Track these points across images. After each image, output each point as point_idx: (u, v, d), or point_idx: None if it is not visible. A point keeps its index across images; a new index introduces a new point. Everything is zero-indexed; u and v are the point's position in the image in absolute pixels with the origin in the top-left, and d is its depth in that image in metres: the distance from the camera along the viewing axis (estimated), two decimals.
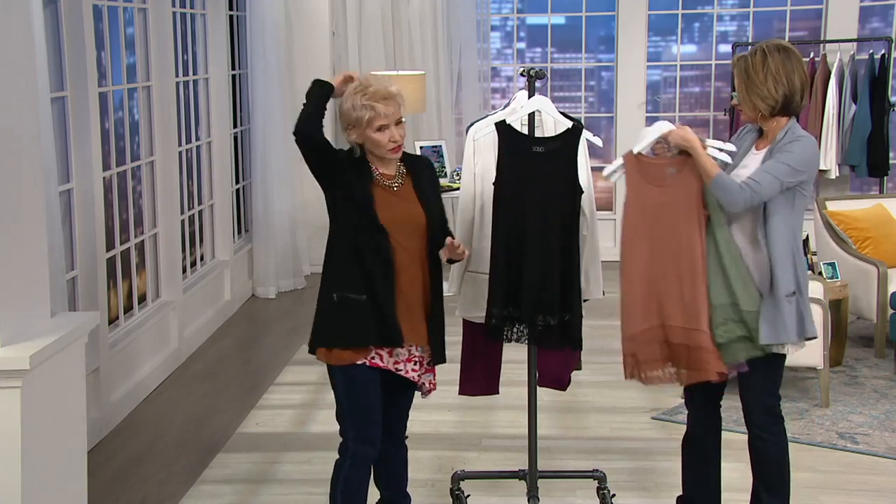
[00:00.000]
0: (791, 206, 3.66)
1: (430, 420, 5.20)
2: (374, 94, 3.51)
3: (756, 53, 3.67)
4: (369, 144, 3.57)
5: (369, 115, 3.50)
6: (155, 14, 6.38)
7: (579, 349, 3.99)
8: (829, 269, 6.31)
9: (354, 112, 3.52)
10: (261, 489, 4.71)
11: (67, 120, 5.21)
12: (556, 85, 9.74)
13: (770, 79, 3.63)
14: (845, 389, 5.89)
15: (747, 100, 3.69)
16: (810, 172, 3.67)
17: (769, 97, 3.64)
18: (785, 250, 3.65)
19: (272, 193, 8.19)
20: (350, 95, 3.55)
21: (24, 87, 3.28)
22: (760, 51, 3.67)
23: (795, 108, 3.68)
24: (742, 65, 3.70)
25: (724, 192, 3.60)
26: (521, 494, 4.24)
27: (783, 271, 3.64)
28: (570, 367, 4.36)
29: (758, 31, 9.44)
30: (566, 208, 3.87)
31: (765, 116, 3.69)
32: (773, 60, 3.63)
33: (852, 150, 8.56)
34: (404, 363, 3.65)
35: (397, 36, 8.94)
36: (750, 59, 3.68)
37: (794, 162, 3.59)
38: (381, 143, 3.54)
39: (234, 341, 7.21)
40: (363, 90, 3.53)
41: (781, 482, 3.93)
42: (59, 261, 4.65)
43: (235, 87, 8.23)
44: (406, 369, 3.65)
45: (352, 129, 3.57)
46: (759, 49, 3.68)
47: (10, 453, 3.07)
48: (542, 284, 3.86)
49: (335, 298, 3.55)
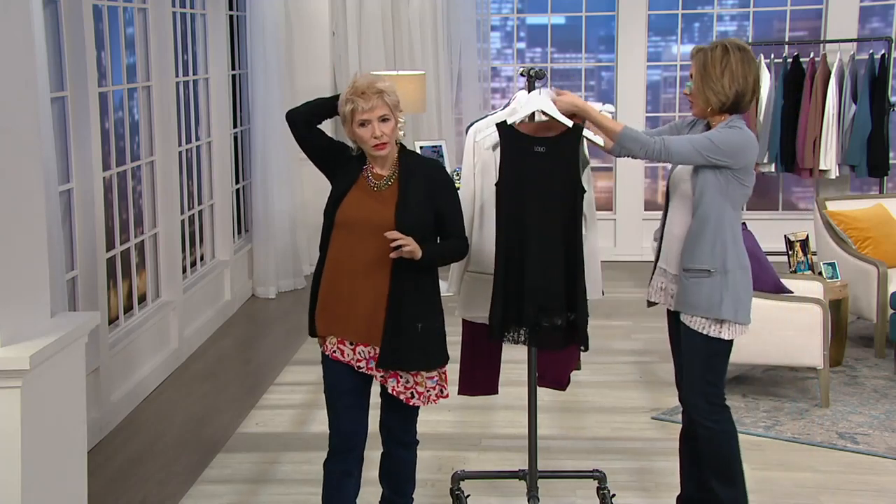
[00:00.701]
0: (723, 191, 3.76)
1: (430, 420, 5.20)
2: (355, 89, 3.52)
3: (716, 48, 3.75)
4: (357, 141, 3.60)
5: (350, 108, 3.52)
6: (155, 14, 6.38)
7: (586, 348, 3.96)
8: (829, 269, 6.31)
9: (341, 107, 3.56)
10: (261, 489, 4.71)
11: (67, 120, 5.21)
12: (557, 85, 9.70)
13: (727, 75, 3.72)
14: (845, 389, 5.89)
15: (701, 92, 3.77)
16: (737, 160, 3.74)
17: (722, 93, 3.73)
18: (706, 231, 3.76)
19: (272, 193, 8.19)
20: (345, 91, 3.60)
21: (24, 87, 3.28)
22: (721, 47, 3.75)
23: (744, 107, 3.80)
24: (701, 58, 3.77)
25: (634, 142, 3.73)
26: (521, 494, 4.24)
27: (695, 248, 3.78)
28: (569, 368, 4.36)
29: (758, 31, 9.44)
30: (568, 208, 3.87)
31: (714, 111, 3.79)
32: (733, 57, 3.72)
33: (852, 150, 8.56)
34: (365, 361, 3.65)
35: (397, 36, 8.94)
36: (710, 53, 3.75)
37: (716, 139, 3.71)
38: (365, 138, 3.54)
39: (234, 341, 7.21)
40: (350, 85, 3.57)
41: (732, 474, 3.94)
42: (59, 261, 4.65)
43: (235, 87, 8.23)
44: (367, 367, 3.65)
45: (344, 126, 3.60)
46: (721, 45, 3.76)
47: (10, 453, 3.07)
48: (545, 285, 3.85)
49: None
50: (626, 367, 6.35)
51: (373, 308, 3.59)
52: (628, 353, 6.62)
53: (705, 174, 3.76)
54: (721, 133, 3.75)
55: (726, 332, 3.82)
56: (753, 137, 3.82)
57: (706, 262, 3.78)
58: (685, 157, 3.74)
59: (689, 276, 3.81)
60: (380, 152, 3.57)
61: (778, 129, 8.79)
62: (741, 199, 3.84)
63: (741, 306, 3.82)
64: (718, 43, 3.77)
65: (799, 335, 5.53)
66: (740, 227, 3.90)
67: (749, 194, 3.87)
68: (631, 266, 8.81)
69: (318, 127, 3.70)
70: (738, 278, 3.81)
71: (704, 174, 3.76)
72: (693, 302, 3.81)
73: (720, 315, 3.79)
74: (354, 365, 3.65)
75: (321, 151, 3.70)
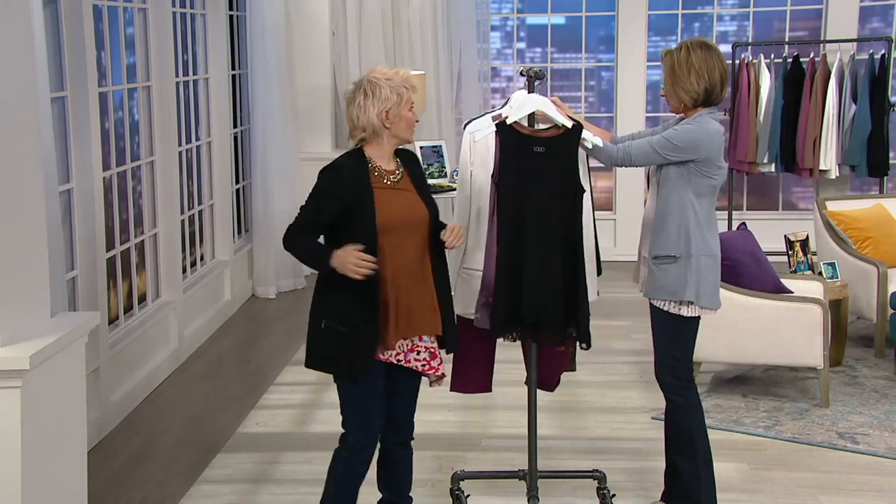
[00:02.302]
0: (686, 181, 3.96)
1: (430, 420, 5.20)
2: (407, 80, 3.76)
3: (681, 50, 4.00)
4: (401, 123, 3.70)
5: (407, 94, 3.71)
6: (155, 14, 6.38)
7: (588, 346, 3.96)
8: (829, 269, 6.31)
9: (395, 92, 3.68)
10: (261, 489, 4.71)
11: (67, 120, 5.21)
12: (556, 85, 9.74)
13: (693, 73, 3.95)
14: (845, 389, 5.89)
15: (673, 93, 4.02)
16: (698, 153, 3.93)
17: (693, 90, 3.97)
18: (669, 219, 3.97)
19: (272, 193, 8.19)
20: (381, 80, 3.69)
21: (24, 87, 3.28)
22: (685, 48, 3.99)
23: (716, 100, 4.01)
24: (668, 61, 4.01)
25: (600, 152, 4.00)
26: (521, 494, 4.24)
27: (659, 235, 4.00)
28: (560, 368, 4.35)
29: (758, 31, 9.44)
30: (567, 208, 3.87)
31: (687, 107, 4.02)
32: (695, 57, 3.96)
33: (852, 150, 8.56)
34: (405, 353, 3.75)
35: (397, 36, 8.94)
36: (675, 55, 4.00)
37: (673, 137, 3.93)
38: (410, 121, 3.74)
39: (234, 341, 7.21)
40: (391, 74, 3.73)
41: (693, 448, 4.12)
42: (59, 261, 4.65)
43: (235, 87, 8.22)
44: (408, 359, 3.75)
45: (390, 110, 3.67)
46: (684, 46, 4.00)
47: (10, 453, 3.07)
48: (543, 285, 3.85)
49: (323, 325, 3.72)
50: (626, 367, 6.35)
51: (430, 299, 3.76)
52: (628, 353, 6.62)
53: (667, 166, 3.98)
54: (678, 131, 3.96)
55: (687, 310, 4.03)
56: (715, 129, 3.99)
57: (672, 248, 3.99)
58: (646, 159, 3.99)
59: (657, 262, 4.03)
60: (412, 135, 3.79)
61: (778, 129, 8.79)
62: (707, 190, 4.01)
63: (705, 290, 4.00)
64: (683, 44, 4.02)
65: (799, 335, 5.53)
66: (711, 215, 4.05)
67: (717, 184, 4.04)
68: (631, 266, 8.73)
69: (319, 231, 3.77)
70: (704, 264, 3.99)
71: (666, 166, 3.99)
72: (659, 286, 4.03)
73: (683, 297, 3.99)
74: (394, 360, 3.74)
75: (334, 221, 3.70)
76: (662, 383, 4.20)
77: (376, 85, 3.68)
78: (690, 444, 4.14)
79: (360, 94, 3.70)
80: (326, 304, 3.72)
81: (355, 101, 3.70)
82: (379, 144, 3.72)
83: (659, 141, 3.95)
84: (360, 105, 3.68)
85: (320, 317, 3.71)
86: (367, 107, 3.67)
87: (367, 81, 3.71)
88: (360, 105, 3.68)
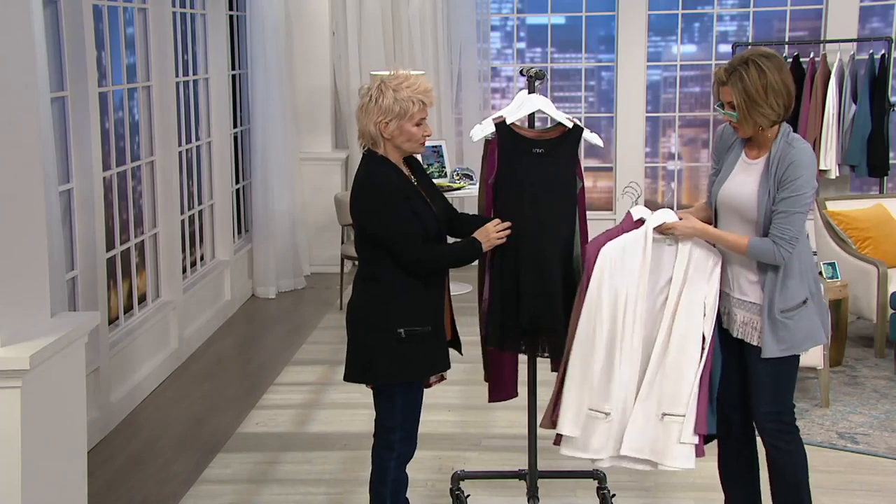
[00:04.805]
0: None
1: (430, 420, 5.19)
2: (423, 90, 3.57)
3: (751, 70, 3.49)
4: (401, 137, 3.58)
5: (416, 108, 3.54)
6: (155, 14, 6.38)
7: None
8: (829, 269, 6.30)
9: (399, 104, 3.53)
10: (261, 489, 4.71)
11: (67, 120, 5.21)
12: (556, 85, 9.74)
13: (771, 93, 3.49)
14: (845, 389, 5.89)
15: (748, 119, 3.53)
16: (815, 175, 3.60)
17: (772, 112, 3.51)
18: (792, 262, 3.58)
19: (272, 193, 8.19)
20: (390, 88, 3.55)
21: (24, 87, 3.28)
22: (755, 66, 3.49)
23: (791, 111, 3.57)
24: (740, 86, 3.50)
25: (762, 254, 3.53)
26: (521, 494, 4.24)
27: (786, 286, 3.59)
28: None
29: (758, 31, 9.44)
30: (567, 209, 3.86)
31: (765, 129, 3.56)
32: (769, 73, 3.49)
33: (852, 150, 8.55)
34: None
35: (397, 36, 8.94)
36: (746, 77, 3.50)
37: (806, 185, 3.51)
38: (417, 136, 3.59)
39: (234, 341, 7.21)
40: (407, 83, 3.56)
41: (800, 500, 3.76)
42: (59, 261, 4.65)
43: (235, 87, 8.23)
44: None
45: (389, 122, 3.55)
46: (752, 63, 3.50)
47: (10, 453, 3.07)
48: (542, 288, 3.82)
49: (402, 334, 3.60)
50: None
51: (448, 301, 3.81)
52: None
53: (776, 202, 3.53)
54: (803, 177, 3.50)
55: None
56: (808, 145, 3.61)
57: (799, 292, 3.60)
58: (802, 228, 3.54)
59: (788, 314, 3.59)
60: (422, 149, 3.67)
61: None
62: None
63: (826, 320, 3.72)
64: (748, 61, 3.51)
65: None
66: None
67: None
68: None
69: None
70: (818, 291, 3.66)
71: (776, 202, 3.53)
72: (798, 340, 3.61)
73: (821, 340, 3.68)
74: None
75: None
76: (763, 430, 3.72)
77: (383, 92, 3.54)
78: (797, 495, 3.74)
79: (367, 97, 3.57)
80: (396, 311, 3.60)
81: (362, 103, 3.59)
82: (384, 151, 3.63)
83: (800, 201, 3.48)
84: (364, 109, 3.57)
85: (393, 326, 3.58)
86: (369, 113, 3.55)
87: (377, 85, 3.57)
88: (364, 109, 3.57)
